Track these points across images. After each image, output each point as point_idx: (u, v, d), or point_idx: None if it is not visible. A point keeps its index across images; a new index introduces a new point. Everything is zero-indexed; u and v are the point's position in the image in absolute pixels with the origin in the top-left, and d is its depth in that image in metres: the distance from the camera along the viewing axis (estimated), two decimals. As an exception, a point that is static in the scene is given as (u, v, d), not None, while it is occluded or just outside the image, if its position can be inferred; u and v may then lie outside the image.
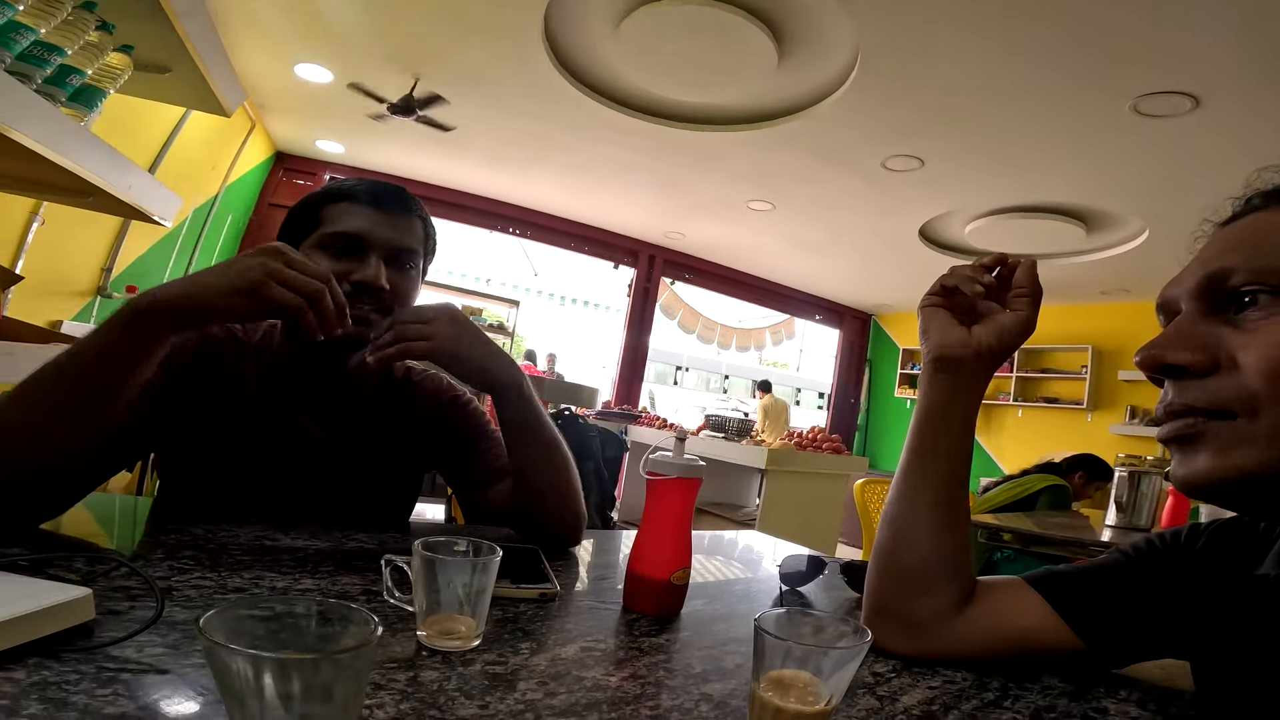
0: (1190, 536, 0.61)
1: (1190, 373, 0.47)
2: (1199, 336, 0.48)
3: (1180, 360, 0.48)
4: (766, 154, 3.88)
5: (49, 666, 0.39)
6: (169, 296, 0.63)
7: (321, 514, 0.89)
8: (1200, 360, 0.47)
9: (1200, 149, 2.98)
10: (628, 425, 4.70)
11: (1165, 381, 0.50)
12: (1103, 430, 5.91)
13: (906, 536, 0.65)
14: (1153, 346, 0.49)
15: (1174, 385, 0.49)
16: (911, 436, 0.66)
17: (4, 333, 1.53)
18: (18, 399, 0.63)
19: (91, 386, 0.64)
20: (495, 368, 0.86)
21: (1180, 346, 0.48)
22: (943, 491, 0.64)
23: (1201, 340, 0.47)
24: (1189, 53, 2.35)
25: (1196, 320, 0.49)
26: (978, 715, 0.53)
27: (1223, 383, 0.46)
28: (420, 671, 0.47)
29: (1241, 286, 0.47)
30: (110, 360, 0.64)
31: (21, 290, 2.09)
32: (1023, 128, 3.11)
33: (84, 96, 1.35)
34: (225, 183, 4.01)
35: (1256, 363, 0.44)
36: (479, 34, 2.96)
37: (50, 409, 0.63)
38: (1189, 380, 0.48)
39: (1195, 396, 0.47)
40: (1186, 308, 0.50)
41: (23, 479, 0.63)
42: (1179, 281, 0.52)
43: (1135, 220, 4.05)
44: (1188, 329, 0.49)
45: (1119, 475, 2.67)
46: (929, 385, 0.66)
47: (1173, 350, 0.48)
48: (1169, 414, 0.49)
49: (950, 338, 0.65)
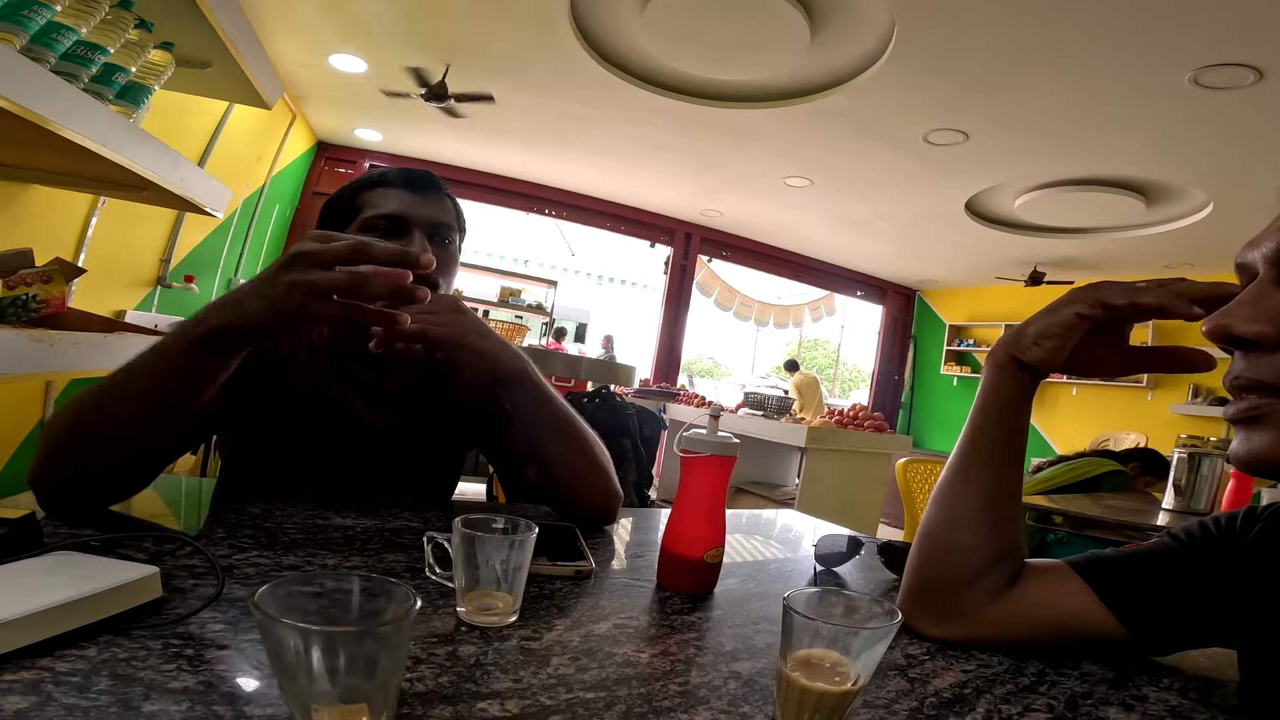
0: (1246, 521, 0.59)
1: (1261, 346, 0.45)
2: (1274, 307, 0.45)
3: (1249, 332, 0.45)
4: (803, 130, 3.79)
5: (119, 644, 0.42)
6: (215, 324, 0.64)
7: (369, 492, 0.93)
8: (1271, 333, 0.44)
9: (1265, 122, 2.82)
10: (666, 403, 4.71)
11: (1235, 353, 0.47)
12: (1163, 409, 5.67)
13: (956, 527, 0.63)
14: (1223, 315, 0.47)
15: (1243, 358, 0.47)
16: (972, 428, 0.64)
17: (70, 323, 1.62)
18: (103, 398, 0.67)
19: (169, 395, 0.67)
20: (499, 357, 0.85)
21: (1252, 317, 0.45)
22: (998, 488, 0.63)
23: (1276, 311, 0.45)
24: (1251, 24, 2.22)
25: (1272, 289, 0.46)
26: (1010, 700, 0.53)
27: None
28: (459, 646, 0.49)
29: None
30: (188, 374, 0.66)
31: (85, 282, 2.20)
32: (1073, 100, 2.97)
33: (130, 94, 1.40)
34: (271, 174, 4.12)
35: None
36: (507, 20, 2.96)
37: (133, 410, 0.67)
38: (1259, 354, 0.45)
39: (1263, 372, 0.45)
40: (1263, 273, 0.47)
41: (103, 469, 0.68)
42: (1257, 242, 0.48)
43: (1198, 193, 3.84)
44: (1261, 298, 0.46)
45: (1178, 456, 2.56)
46: (1004, 383, 0.62)
47: (1243, 321, 0.46)
48: (1235, 389, 0.47)
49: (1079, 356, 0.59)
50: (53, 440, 0.67)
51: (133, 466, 0.71)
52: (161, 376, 0.66)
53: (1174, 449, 2.65)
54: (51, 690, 0.35)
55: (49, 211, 2.03)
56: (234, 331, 0.64)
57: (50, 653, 0.39)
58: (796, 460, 4.63)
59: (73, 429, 0.67)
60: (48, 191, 1.88)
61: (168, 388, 0.66)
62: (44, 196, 1.92)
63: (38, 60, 1.09)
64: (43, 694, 0.34)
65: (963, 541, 0.62)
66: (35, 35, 1.08)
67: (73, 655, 0.39)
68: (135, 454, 0.69)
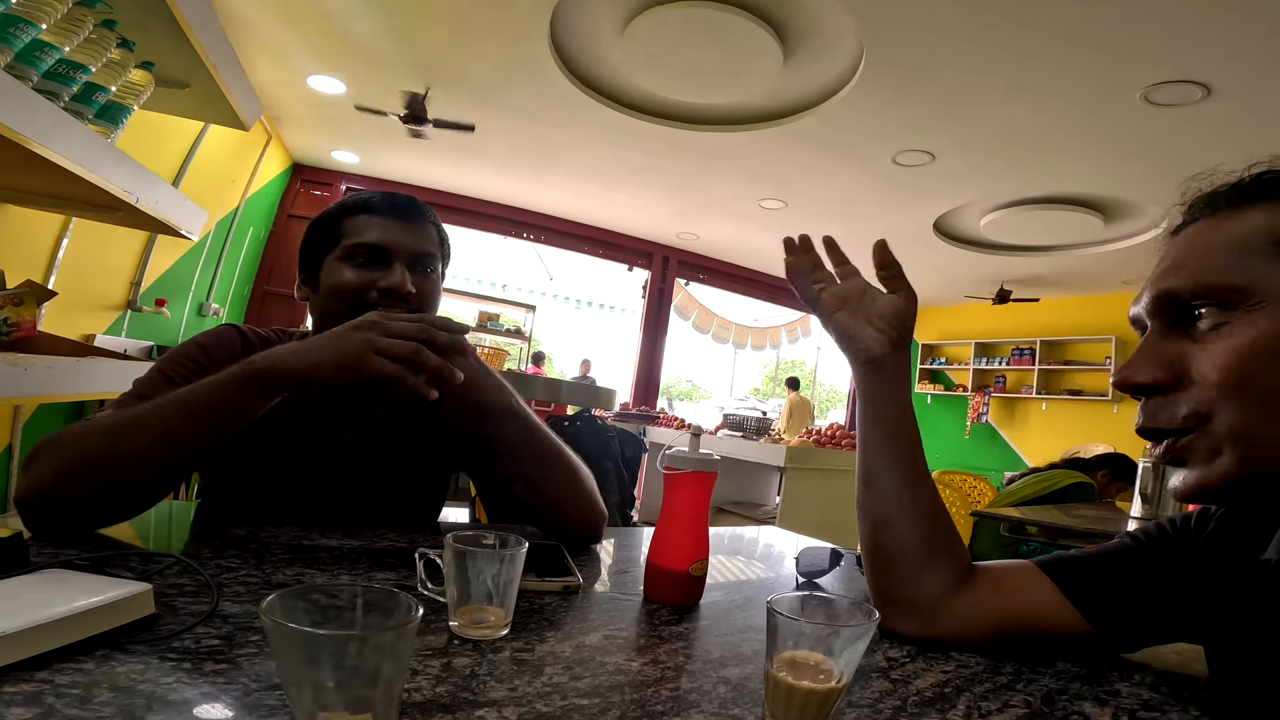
0: (1200, 521, 0.62)
1: (1160, 389, 0.50)
2: (1164, 355, 0.50)
3: (1146, 379, 0.50)
4: (777, 152, 3.89)
5: (116, 658, 0.42)
6: (283, 368, 0.70)
7: (354, 516, 0.93)
8: (1164, 378, 0.50)
9: (1214, 137, 2.96)
10: (646, 426, 4.72)
11: (1141, 401, 0.52)
12: (1129, 421, 5.78)
13: (882, 524, 0.68)
14: (1125, 368, 0.52)
15: (1145, 405, 0.52)
16: (862, 432, 0.71)
17: (42, 347, 1.59)
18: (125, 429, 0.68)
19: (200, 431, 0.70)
20: (484, 388, 0.87)
21: (1146, 366, 0.51)
22: (907, 475, 0.68)
23: (1166, 358, 0.50)
24: (1198, 41, 2.34)
25: (1160, 338, 0.51)
26: (990, 697, 0.54)
27: (1185, 397, 0.48)
28: (453, 658, 0.50)
29: (1190, 301, 0.49)
30: (222, 413, 0.70)
31: (55, 305, 2.16)
32: (1032, 120, 3.10)
33: (109, 113, 1.40)
34: (245, 195, 4.09)
35: (1209, 374, 0.47)
36: (487, 43, 3.00)
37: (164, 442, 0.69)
38: (1158, 398, 0.50)
39: (1162, 418, 0.50)
40: (1151, 325, 0.53)
41: (109, 498, 0.69)
42: (1139, 300, 0.54)
43: (1154, 209, 4.01)
44: (1153, 347, 0.51)
45: (1143, 466, 2.64)
46: (865, 384, 0.71)
47: (1140, 370, 0.51)
48: (1144, 434, 0.52)
49: (866, 342, 0.70)
50: (59, 466, 0.67)
51: (140, 496, 0.72)
52: (201, 414, 0.69)
53: (1140, 459, 2.73)
54: (53, 702, 0.35)
55: (20, 232, 2.00)
56: (290, 379, 0.70)
57: (48, 666, 0.39)
58: (776, 480, 4.66)
59: (85, 456, 0.67)
60: (18, 211, 1.85)
61: (203, 425, 0.70)
62: (14, 216, 1.89)
63: (20, 78, 1.08)
64: (45, 705, 0.35)
65: (893, 532, 0.67)
66: (19, 53, 1.08)
67: (70, 669, 0.39)
68: (148, 484, 0.71)
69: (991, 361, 7.22)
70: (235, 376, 0.70)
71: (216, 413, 0.70)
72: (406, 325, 0.72)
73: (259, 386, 0.71)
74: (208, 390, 0.70)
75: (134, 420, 0.69)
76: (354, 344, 0.70)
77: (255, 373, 0.70)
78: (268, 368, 0.70)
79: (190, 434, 0.70)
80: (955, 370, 7.61)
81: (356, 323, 0.72)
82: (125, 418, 0.69)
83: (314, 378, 0.70)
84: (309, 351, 0.71)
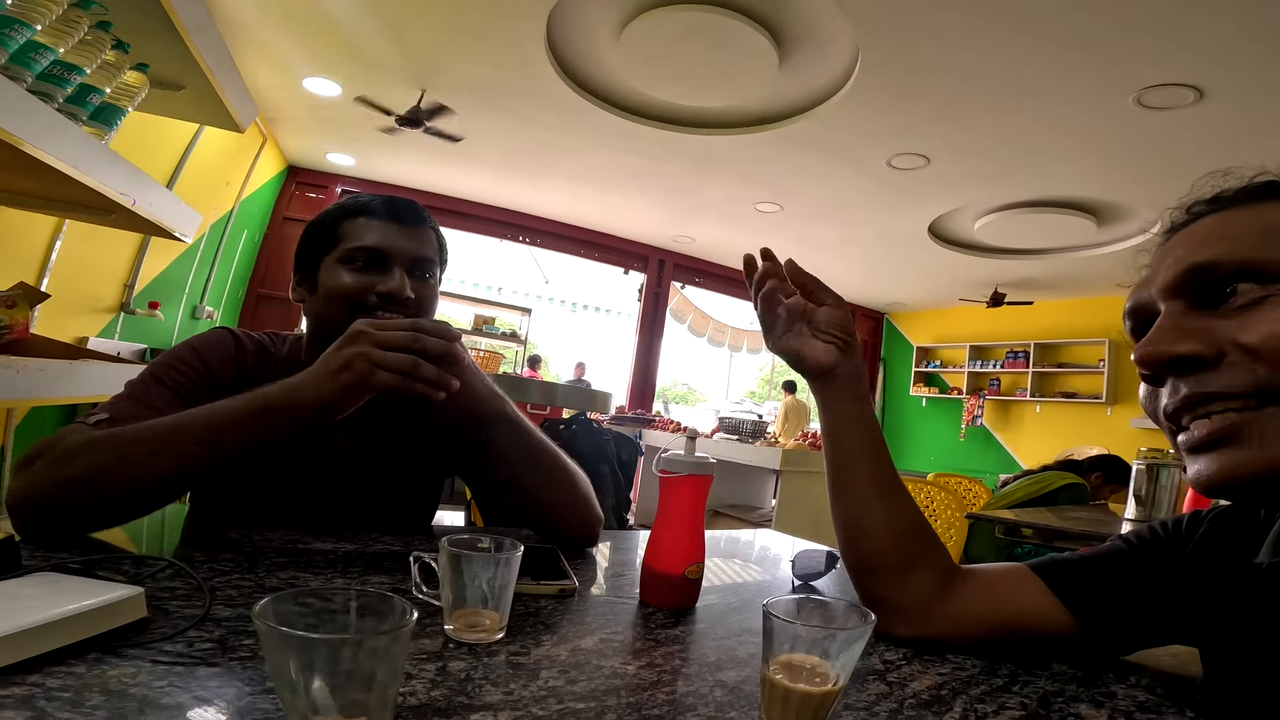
0: (1191, 524, 0.62)
1: (1202, 362, 0.44)
2: (1196, 328, 0.45)
3: (1186, 350, 0.44)
4: (772, 156, 3.90)
5: (108, 661, 0.42)
6: (308, 401, 0.71)
7: (347, 520, 0.92)
8: (1205, 350, 0.44)
9: (1207, 139, 2.97)
10: (641, 429, 4.72)
11: (1168, 381, 0.47)
12: (1123, 424, 5.86)
13: (854, 532, 0.69)
14: (1152, 343, 0.46)
15: (1187, 379, 0.45)
16: (827, 445, 0.72)
17: (35, 350, 1.58)
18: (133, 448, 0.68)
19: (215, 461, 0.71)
20: (478, 394, 0.86)
21: (1184, 338, 0.45)
22: (874, 481, 0.69)
23: (1201, 331, 0.45)
24: (1190, 44, 2.35)
25: (1184, 315, 0.47)
26: (986, 699, 0.55)
27: (1235, 372, 0.43)
28: (448, 662, 0.50)
29: (1228, 274, 0.45)
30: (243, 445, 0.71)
31: (48, 308, 2.15)
32: (1026, 123, 3.12)
33: (104, 115, 1.39)
34: (240, 197, 4.08)
35: (1267, 342, 0.42)
36: (483, 45, 3.00)
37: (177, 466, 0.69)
38: (1202, 373, 0.44)
39: (1222, 382, 0.43)
40: (1167, 307, 0.48)
41: (110, 508, 0.69)
42: (1149, 284, 0.51)
43: (1146, 212, 4.03)
44: (1179, 323, 0.46)
45: (1137, 468, 2.65)
46: (824, 398, 0.72)
47: (1179, 341, 0.45)
48: (1189, 408, 0.45)
49: (814, 355, 0.71)
50: (62, 477, 0.67)
51: (141, 512, 0.72)
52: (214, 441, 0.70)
53: (1134, 461, 2.74)
54: (45, 706, 0.35)
55: (13, 234, 1.99)
56: (310, 412, 0.71)
57: (39, 670, 0.39)
58: (772, 482, 4.67)
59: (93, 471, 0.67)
60: (11, 213, 1.84)
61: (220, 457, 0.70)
62: (7, 218, 1.88)
63: (15, 80, 1.08)
64: (36, 709, 0.34)
65: (869, 536, 0.68)
66: (14, 55, 1.07)
67: (62, 673, 0.39)
68: (152, 504, 0.71)
69: (986, 364, 7.25)
70: (255, 411, 0.70)
71: (235, 445, 0.71)
72: (398, 335, 0.72)
73: (286, 421, 0.71)
74: (228, 422, 0.70)
75: (145, 440, 0.69)
76: (355, 362, 0.70)
77: (277, 407, 0.71)
78: (288, 404, 0.71)
79: (205, 460, 0.70)
80: (950, 373, 7.63)
81: (348, 337, 0.72)
82: (137, 436, 0.69)
83: (333, 405, 0.71)
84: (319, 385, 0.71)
